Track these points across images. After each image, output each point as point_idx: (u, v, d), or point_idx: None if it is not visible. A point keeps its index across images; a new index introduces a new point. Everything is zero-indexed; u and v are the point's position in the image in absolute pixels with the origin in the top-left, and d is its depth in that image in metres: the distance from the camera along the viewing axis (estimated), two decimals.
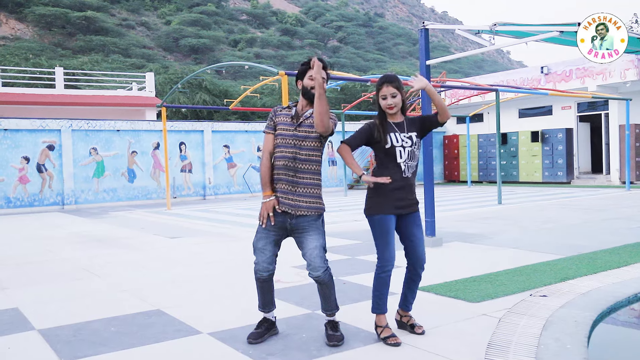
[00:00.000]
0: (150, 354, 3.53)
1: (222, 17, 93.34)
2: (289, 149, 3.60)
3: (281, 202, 3.60)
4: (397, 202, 3.62)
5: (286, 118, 3.69)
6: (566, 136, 20.75)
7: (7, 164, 15.74)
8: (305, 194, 3.60)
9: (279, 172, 3.63)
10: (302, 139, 3.60)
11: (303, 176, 3.60)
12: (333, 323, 3.68)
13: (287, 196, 3.60)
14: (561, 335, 3.54)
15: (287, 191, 3.60)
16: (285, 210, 3.59)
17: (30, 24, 71.95)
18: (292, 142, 3.60)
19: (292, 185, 3.60)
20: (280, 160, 3.63)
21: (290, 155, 3.59)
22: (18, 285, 5.71)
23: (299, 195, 3.59)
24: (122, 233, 10.00)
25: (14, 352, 3.65)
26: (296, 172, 3.60)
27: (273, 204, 3.60)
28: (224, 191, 19.65)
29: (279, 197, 3.62)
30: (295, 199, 3.59)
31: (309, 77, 3.63)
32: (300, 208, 3.58)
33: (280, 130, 3.67)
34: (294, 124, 3.64)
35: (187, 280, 5.77)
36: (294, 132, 3.62)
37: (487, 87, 15.69)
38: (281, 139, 3.65)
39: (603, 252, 6.45)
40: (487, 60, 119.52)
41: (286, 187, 3.61)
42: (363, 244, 7.61)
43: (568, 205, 12.59)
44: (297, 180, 3.60)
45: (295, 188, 3.60)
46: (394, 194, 3.61)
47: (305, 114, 3.66)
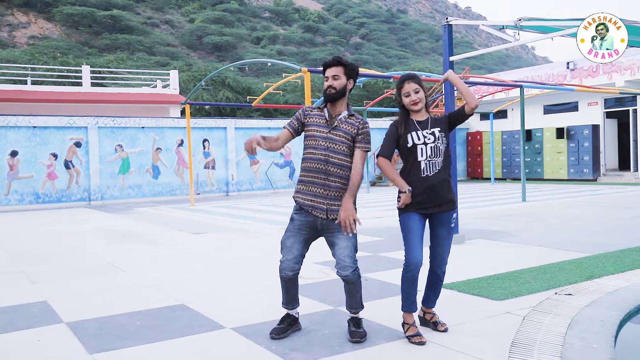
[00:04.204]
0: (174, 348, 3.58)
1: (244, 14, 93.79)
2: (321, 151, 3.56)
3: (315, 207, 3.56)
4: (421, 200, 3.59)
5: (319, 119, 3.64)
6: (592, 133, 20.37)
7: (36, 161, 16.08)
8: (338, 198, 3.56)
9: (311, 175, 3.59)
10: (336, 142, 3.56)
11: (335, 180, 3.57)
12: (356, 320, 3.68)
13: (319, 200, 3.57)
14: (587, 334, 3.49)
15: (319, 194, 3.57)
16: (318, 215, 3.57)
17: (58, 23, 73.28)
18: (324, 145, 3.56)
19: (324, 188, 3.56)
20: (312, 163, 3.59)
21: (323, 157, 3.55)
22: (47, 279, 5.84)
23: (332, 199, 3.56)
24: (147, 229, 10.14)
25: (43, 344, 3.73)
26: (328, 175, 3.56)
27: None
28: (247, 187, 19.77)
29: (309, 200, 3.58)
30: (328, 202, 3.56)
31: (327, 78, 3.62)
32: (332, 212, 3.56)
33: (313, 132, 3.62)
34: (328, 127, 3.60)
35: (211, 275, 5.83)
36: (327, 134, 3.58)
37: (511, 84, 15.49)
38: (313, 140, 3.60)
39: (630, 251, 6.33)
40: (512, 56, 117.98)
41: (318, 190, 3.57)
42: (386, 241, 7.59)
43: (594, 202, 12.37)
44: (329, 183, 3.56)
45: (327, 192, 3.56)
46: (416, 196, 3.59)
47: (340, 118, 3.61)
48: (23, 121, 15.92)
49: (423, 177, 3.58)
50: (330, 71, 3.60)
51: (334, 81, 3.58)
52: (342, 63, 3.61)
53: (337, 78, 3.58)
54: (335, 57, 3.66)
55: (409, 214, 3.61)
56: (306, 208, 3.59)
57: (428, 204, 3.60)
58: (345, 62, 3.62)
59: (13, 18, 72.34)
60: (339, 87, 3.59)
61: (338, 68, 3.60)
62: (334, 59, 3.64)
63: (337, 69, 3.59)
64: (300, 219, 3.63)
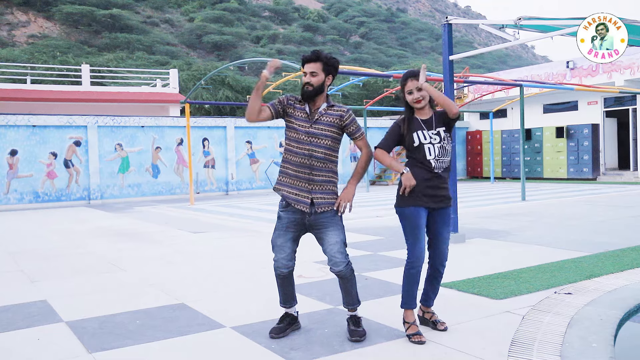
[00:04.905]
0: (174, 347, 3.58)
1: (244, 13, 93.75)
2: (304, 145, 3.54)
3: (298, 201, 3.56)
4: (428, 191, 3.56)
5: (301, 113, 3.61)
6: (592, 132, 20.37)
7: (35, 160, 16.07)
8: (322, 191, 3.56)
9: (294, 169, 3.58)
10: (318, 136, 3.55)
11: (319, 174, 3.56)
12: (355, 318, 3.68)
13: (303, 194, 3.56)
14: (586, 333, 3.50)
15: (303, 189, 3.56)
16: (303, 209, 3.56)
17: (58, 22, 73.25)
18: (307, 139, 3.54)
19: (308, 182, 3.55)
20: (295, 157, 3.57)
21: (306, 152, 3.54)
22: (47, 278, 5.84)
23: (316, 193, 3.56)
24: (147, 228, 10.15)
25: (43, 343, 3.74)
26: (312, 169, 3.55)
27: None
28: (246, 187, 19.78)
29: (293, 193, 3.57)
30: (313, 196, 3.56)
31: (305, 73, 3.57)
32: (319, 205, 3.56)
33: (295, 125, 3.60)
34: (309, 121, 3.58)
35: (211, 274, 5.83)
36: (309, 129, 3.56)
37: (511, 83, 15.47)
38: (295, 133, 3.58)
39: (630, 250, 6.33)
40: (511, 55, 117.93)
41: (302, 184, 3.56)
42: (385, 240, 7.59)
43: (594, 201, 12.38)
44: (313, 178, 3.55)
45: (312, 186, 3.56)
46: (423, 183, 3.56)
47: (319, 111, 3.59)
48: (22, 120, 15.91)
49: (432, 172, 3.57)
50: (308, 67, 3.55)
51: (312, 78, 3.54)
52: (320, 58, 3.55)
53: (314, 75, 3.54)
54: (313, 51, 3.60)
55: (414, 208, 3.58)
56: (290, 201, 3.58)
57: (435, 198, 3.59)
58: (323, 58, 3.55)
59: (13, 17, 72.31)
60: (316, 84, 3.54)
61: (316, 64, 3.54)
62: (312, 53, 3.58)
63: (315, 65, 3.54)
64: (288, 217, 3.62)
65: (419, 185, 3.56)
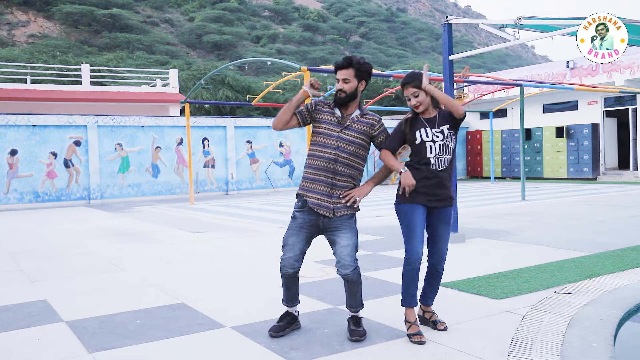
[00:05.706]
0: (174, 346, 3.58)
1: (244, 13, 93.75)
2: (330, 150, 3.53)
3: (320, 206, 3.54)
4: (427, 190, 3.56)
5: (331, 117, 3.59)
6: (592, 132, 20.37)
7: (35, 160, 16.07)
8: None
9: (318, 173, 3.57)
10: (347, 142, 3.54)
11: (342, 179, 3.56)
12: (356, 318, 3.68)
13: (324, 199, 3.55)
14: (586, 333, 3.50)
15: (324, 193, 3.55)
16: (324, 213, 3.55)
17: (58, 21, 73.25)
18: (335, 144, 3.53)
19: (330, 187, 3.55)
20: (320, 161, 3.56)
21: (332, 157, 3.52)
22: (47, 278, 5.84)
23: (337, 198, 3.56)
24: (147, 227, 10.15)
25: (43, 343, 3.73)
26: (336, 174, 3.54)
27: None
28: (246, 186, 19.78)
29: (316, 198, 3.55)
30: (334, 201, 3.55)
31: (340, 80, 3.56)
32: (338, 210, 3.55)
33: (323, 129, 3.58)
34: (339, 126, 3.56)
35: (211, 274, 5.83)
36: (339, 133, 3.55)
37: (511, 82, 15.46)
38: (323, 138, 3.56)
39: (630, 250, 6.33)
40: (511, 54, 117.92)
41: (324, 189, 3.55)
42: (386, 240, 7.60)
43: (594, 201, 12.38)
44: (335, 182, 3.55)
45: (333, 191, 3.55)
46: (423, 182, 3.56)
47: (352, 117, 3.58)
48: (22, 120, 15.91)
49: (431, 170, 3.57)
50: (340, 74, 3.55)
51: (345, 84, 3.53)
52: (352, 65, 3.53)
53: (347, 81, 3.53)
54: (345, 58, 3.56)
55: (414, 205, 3.58)
56: (312, 206, 3.57)
57: (435, 197, 3.59)
58: (355, 64, 3.53)
59: (12, 17, 72.30)
60: (349, 90, 3.54)
61: (348, 70, 3.52)
62: (344, 60, 3.55)
63: (347, 72, 3.52)
64: (303, 217, 3.61)
65: (418, 183, 3.57)
